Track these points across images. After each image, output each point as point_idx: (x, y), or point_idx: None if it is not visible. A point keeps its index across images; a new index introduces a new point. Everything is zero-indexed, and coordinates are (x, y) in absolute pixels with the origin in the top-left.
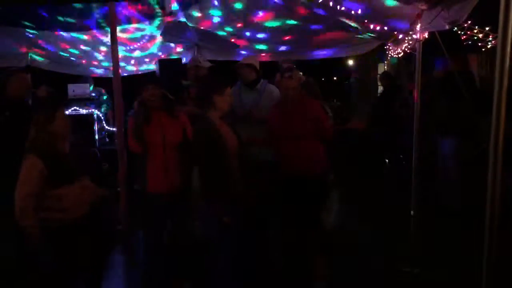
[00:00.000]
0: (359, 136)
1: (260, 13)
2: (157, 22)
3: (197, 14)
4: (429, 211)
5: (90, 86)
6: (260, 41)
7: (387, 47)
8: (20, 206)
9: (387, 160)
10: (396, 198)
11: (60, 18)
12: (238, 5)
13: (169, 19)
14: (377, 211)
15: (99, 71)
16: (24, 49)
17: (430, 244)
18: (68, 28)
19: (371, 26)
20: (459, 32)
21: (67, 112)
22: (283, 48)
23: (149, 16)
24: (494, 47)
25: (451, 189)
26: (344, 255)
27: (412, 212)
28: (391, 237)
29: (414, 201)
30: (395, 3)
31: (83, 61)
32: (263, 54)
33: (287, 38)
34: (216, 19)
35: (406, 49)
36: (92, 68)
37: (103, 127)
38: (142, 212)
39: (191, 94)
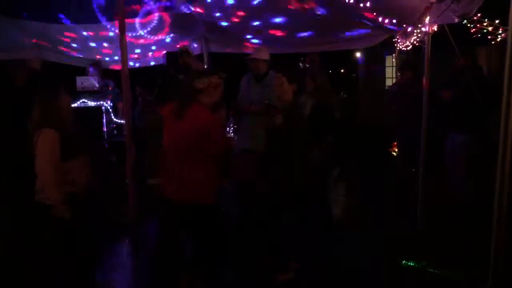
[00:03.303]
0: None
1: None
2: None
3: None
4: (436, 205)
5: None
6: (267, 33)
7: (396, 39)
8: (48, 175)
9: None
10: (404, 194)
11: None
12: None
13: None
14: (383, 205)
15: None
16: (32, 42)
17: (436, 239)
18: (79, 20)
19: (380, 19)
20: (469, 25)
21: (75, 105)
22: (289, 40)
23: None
24: (503, 40)
25: (459, 184)
26: (350, 249)
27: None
28: (398, 231)
29: (421, 196)
30: None
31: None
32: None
33: (295, 31)
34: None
35: (415, 42)
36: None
37: (111, 119)
38: None
39: None
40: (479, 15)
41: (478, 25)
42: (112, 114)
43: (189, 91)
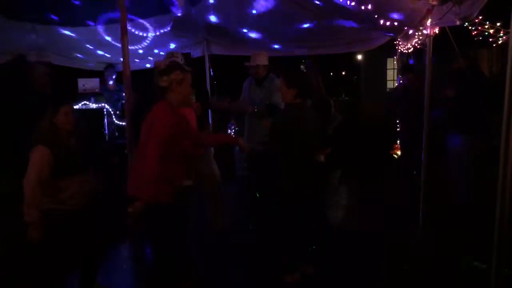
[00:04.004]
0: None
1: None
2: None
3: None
4: (438, 208)
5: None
6: (269, 35)
7: (397, 42)
8: (29, 194)
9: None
10: (405, 195)
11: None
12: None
13: (179, 13)
14: (385, 206)
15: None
16: (33, 44)
17: (436, 240)
18: (78, 22)
19: (381, 21)
20: (470, 27)
21: (76, 106)
22: (292, 42)
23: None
24: (505, 43)
25: (461, 185)
26: (351, 250)
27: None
28: (399, 232)
29: (422, 197)
30: None
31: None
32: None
33: (297, 33)
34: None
35: (416, 45)
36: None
37: (113, 121)
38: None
39: None
40: (480, 17)
41: (479, 28)
42: (114, 117)
43: (155, 90)
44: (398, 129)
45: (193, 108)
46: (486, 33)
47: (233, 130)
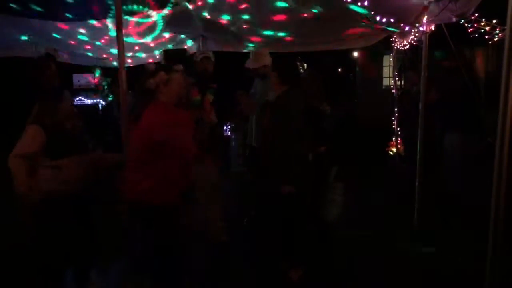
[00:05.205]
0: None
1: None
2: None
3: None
4: (434, 206)
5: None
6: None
7: (393, 39)
8: (11, 166)
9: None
10: (401, 194)
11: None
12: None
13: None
14: (381, 206)
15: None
16: (28, 39)
17: (433, 239)
18: (73, 17)
19: (378, 18)
20: (466, 24)
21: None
22: (288, 39)
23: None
24: (501, 40)
25: (456, 184)
26: (348, 249)
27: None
28: (395, 231)
29: (418, 195)
30: None
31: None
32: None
33: (292, 29)
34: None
35: (412, 41)
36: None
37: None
38: None
39: None
40: (476, 15)
41: (475, 25)
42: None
43: (142, 93)
44: (393, 127)
45: (206, 110)
46: (482, 30)
47: (229, 127)
